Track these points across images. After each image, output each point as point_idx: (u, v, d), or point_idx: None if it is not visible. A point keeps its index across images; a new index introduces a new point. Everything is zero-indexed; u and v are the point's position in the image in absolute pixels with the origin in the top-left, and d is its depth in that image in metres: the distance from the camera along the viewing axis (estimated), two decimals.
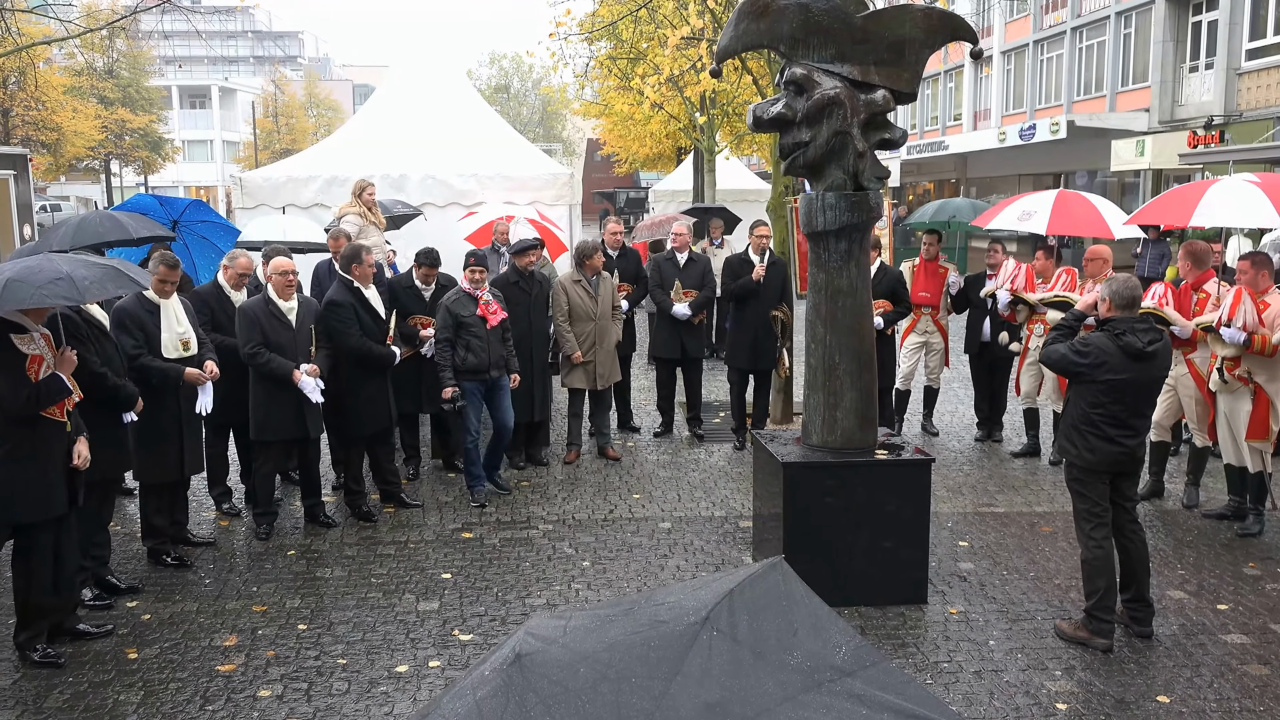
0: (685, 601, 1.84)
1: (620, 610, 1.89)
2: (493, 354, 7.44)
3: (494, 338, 7.48)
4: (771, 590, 1.85)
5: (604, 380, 8.65)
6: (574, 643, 1.77)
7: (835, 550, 5.72)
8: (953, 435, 9.68)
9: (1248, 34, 22.56)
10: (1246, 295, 6.67)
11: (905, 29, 5.79)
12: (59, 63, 43.94)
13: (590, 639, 1.77)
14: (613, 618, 1.85)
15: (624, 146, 30.55)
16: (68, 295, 4.74)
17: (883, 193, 6.33)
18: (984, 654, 5.20)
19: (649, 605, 1.89)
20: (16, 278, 4.69)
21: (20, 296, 4.64)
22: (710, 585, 1.91)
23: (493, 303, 7.46)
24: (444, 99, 12.84)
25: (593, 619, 1.85)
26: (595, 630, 1.80)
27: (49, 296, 4.69)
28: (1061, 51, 31.25)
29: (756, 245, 8.93)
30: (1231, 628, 5.49)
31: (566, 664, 1.71)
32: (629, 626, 1.80)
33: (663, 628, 1.76)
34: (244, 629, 5.48)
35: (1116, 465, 5.26)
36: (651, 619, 1.81)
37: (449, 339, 7.34)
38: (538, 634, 1.80)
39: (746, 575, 1.88)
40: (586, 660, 1.71)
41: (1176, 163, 23.27)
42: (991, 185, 36.26)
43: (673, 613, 1.81)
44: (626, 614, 1.86)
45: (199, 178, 70.06)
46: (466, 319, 7.35)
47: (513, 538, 6.87)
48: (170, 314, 6.25)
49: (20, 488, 4.93)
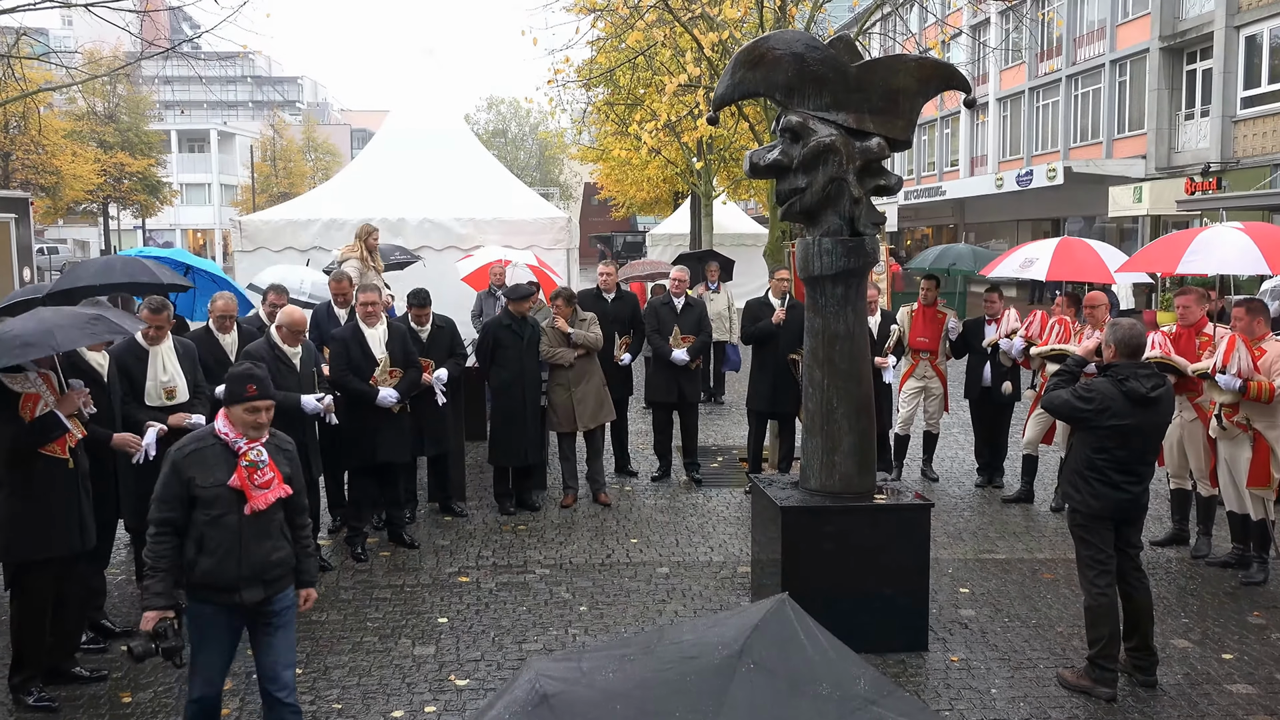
0: (708, 638, 1.85)
1: (636, 649, 1.89)
2: (250, 559, 4.13)
3: (259, 530, 4.18)
4: (788, 624, 1.88)
5: (585, 422, 8.56)
6: (600, 682, 1.76)
7: (834, 596, 5.65)
8: (953, 481, 9.63)
9: (1242, 82, 22.84)
10: (1240, 342, 6.68)
11: (899, 79, 5.86)
12: (60, 107, 44.33)
13: (615, 678, 1.77)
14: (630, 656, 1.86)
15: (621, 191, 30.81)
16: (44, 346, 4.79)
17: (879, 238, 6.36)
18: (986, 702, 5.12)
19: (667, 644, 1.90)
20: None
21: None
22: (727, 621, 1.92)
23: (267, 469, 4.20)
24: (442, 143, 12.95)
25: (607, 659, 1.84)
26: (616, 669, 1.79)
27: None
28: (1057, 99, 31.62)
29: (776, 289, 8.99)
30: (1236, 677, 5.42)
31: (599, 703, 1.71)
32: (653, 665, 1.80)
33: (694, 663, 1.77)
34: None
35: (1121, 512, 5.22)
36: (678, 655, 1.82)
37: (166, 520, 4.12)
38: (554, 675, 1.79)
39: (763, 611, 1.90)
40: (620, 698, 1.71)
41: (1174, 209, 23.46)
42: (990, 230, 36.52)
43: (700, 649, 1.81)
44: (645, 652, 1.86)
45: (196, 221, 70.40)
46: (202, 489, 4.11)
47: (509, 582, 6.80)
48: (158, 361, 6.14)
49: (21, 526, 4.90)
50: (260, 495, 4.18)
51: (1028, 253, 9.45)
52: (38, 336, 4.74)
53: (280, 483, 4.26)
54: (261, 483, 4.20)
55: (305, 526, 4.48)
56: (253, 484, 4.17)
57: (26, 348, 4.68)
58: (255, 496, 4.16)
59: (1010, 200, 32.63)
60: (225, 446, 4.21)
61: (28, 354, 4.70)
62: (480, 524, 8.10)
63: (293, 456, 4.41)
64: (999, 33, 31.42)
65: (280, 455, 4.33)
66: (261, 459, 4.21)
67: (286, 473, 4.30)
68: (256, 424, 4.22)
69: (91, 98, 44.34)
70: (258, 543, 4.20)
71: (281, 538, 4.30)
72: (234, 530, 4.15)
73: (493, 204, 12.17)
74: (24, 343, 4.69)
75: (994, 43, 30.45)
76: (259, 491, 4.18)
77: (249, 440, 4.21)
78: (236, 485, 4.14)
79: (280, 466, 4.28)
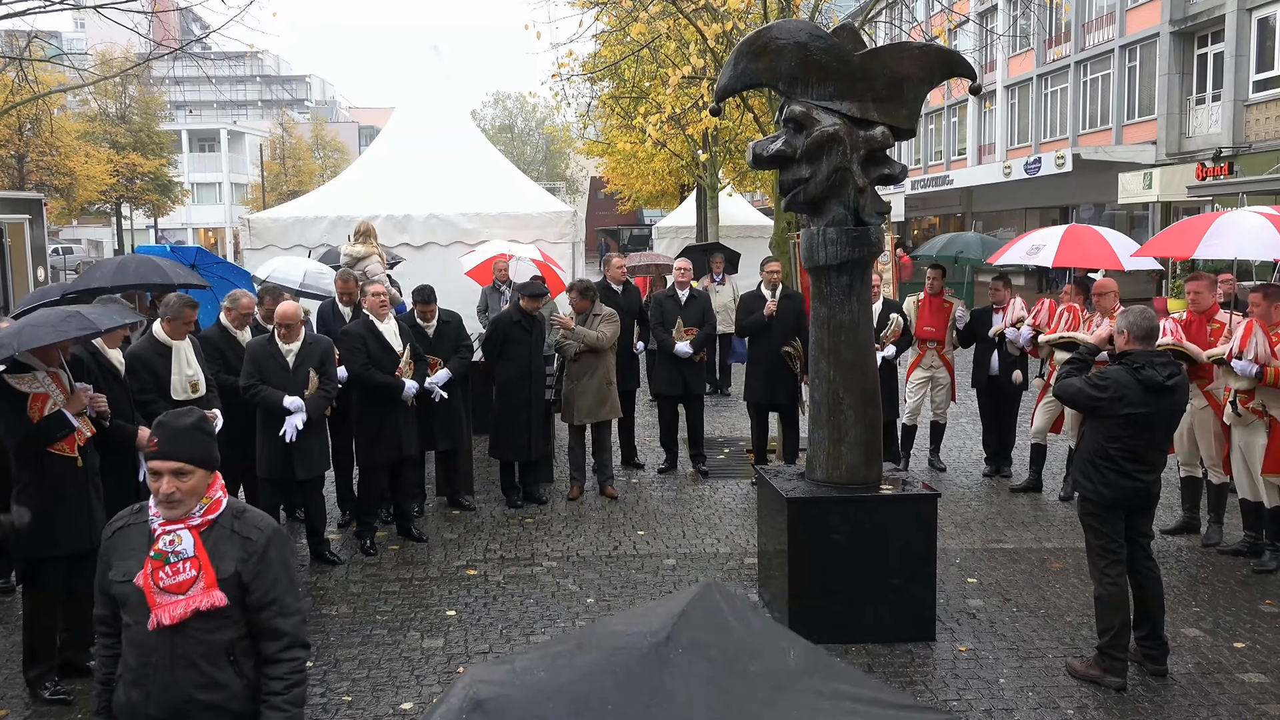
0: (636, 627, 1.85)
1: (568, 646, 1.88)
2: (160, 696, 2.98)
3: (178, 654, 2.98)
4: (715, 607, 1.89)
5: (582, 416, 8.54)
6: (532, 682, 1.75)
7: (841, 587, 5.65)
8: (960, 471, 9.60)
9: (1254, 66, 22.66)
10: (1258, 327, 6.63)
11: (903, 67, 5.82)
12: (73, 109, 44.59)
13: (548, 676, 1.76)
14: (561, 654, 1.85)
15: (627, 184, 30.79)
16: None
17: (884, 228, 6.33)
18: (994, 692, 5.11)
19: (598, 636, 1.90)
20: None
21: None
22: (654, 610, 1.93)
23: (186, 566, 2.97)
24: (448, 139, 12.94)
25: (539, 658, 1.84)
26: (548, 667, 1.79)
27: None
28: (1066, 85, 31.41)
29: (768, 281, 8.96)
30: (1249, 666, 5.39)
31: (532, 703, 1.69)
32: (586, 659, 1.80)
33: (625, 654, 1.76)
34: None
35: (1133, 501, 5.17)
36: (609, 647, 1.81)
37: (100, 618, 3.20)
38: (487, 680, 1.77)
39: (690, 596, 1.92)
40: (553, 696, 1.70)
41: (1185, 195, 23.30)
42: (998, 219, 36.34)
43: (629, 639, 1.81)
44: (577, 649, 1.86)
45: (207, 220, 70.68)
46: (116, 584, 3.07)
47: (517, 574, 6.81)
48: (181, 356, 6.25)
49: (32, 524, 4.95)
50: (167, 603, 2.89)
51: (1034, 239, 9.40)
52: (6, 338, 4.81)
53: (210, 587, 2.91)
54: (170, 584, 2.89)
55: (283, 663, 3.03)
56: (156, 585, 2.90)
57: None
58: (159, 604, 2.89)
59: (1018, 188, 32.45)
60: (149, 527, 3.00)
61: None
62: (488, 517, 8.12)
63: (260, 548, 3.00)
64: (1006, 19, 31.23)
65: (231, 545, 2.99)
66: (181, 549, 2.93)
67: (232, 572, 2.95)
68: (159, 496, 2.95)
69: (104, 99, 44.59)
70: (172, 672, 2.92)
71: (220, 669, 2.96)
72: (143, 648, 2.95)
73: (499, 199, 12.17)
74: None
75: (1001, 29, 30.28)
76: (165, 597, 2.89)
77: (164, 520, 2.96)
78: (140, 585, 2.92)
79: (219, 562, 2.95)
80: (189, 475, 2.94)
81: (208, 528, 2.98)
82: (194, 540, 2.94)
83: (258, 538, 3.01)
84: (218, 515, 3.01)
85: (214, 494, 3.03)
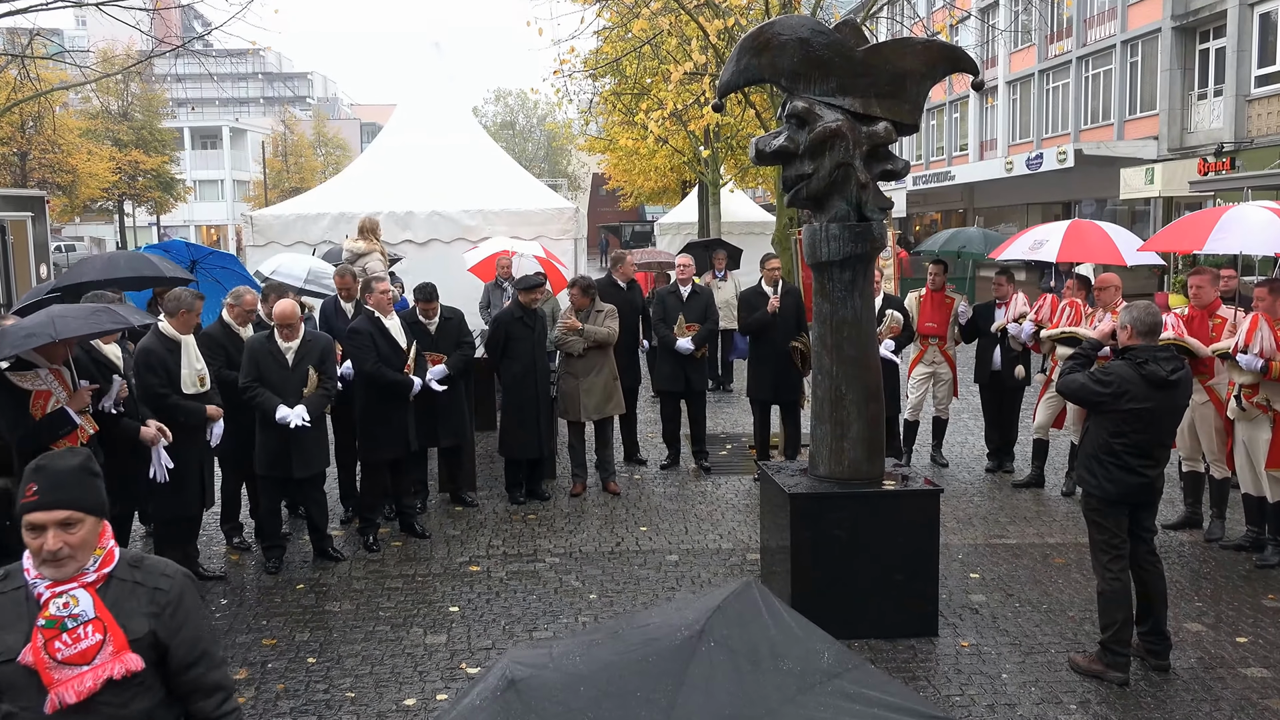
0: (672, 619, 1.89)
1: (604, 634, 1.94)
2: None
3: None
4: (752, 604, 1.93)
5: (590, 413, 8.54)
6: (566, 666, 1.81)
7: (844, 582, 5.66)
8: (963, 466, 9.60)
9: (1256, 61, 22.61)
10: (1263, 321, 6.62)
11: (906, 62, 5.82)
12: (75, 106, 44.58)
13: (582, 662, 1.82)
14: (598, 641, 1.90)
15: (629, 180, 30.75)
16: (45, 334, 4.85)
17: (886, 223, 6.33)
18: (996, 687, 5.11)
19: (633, 627, 1.95)
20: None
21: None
22: (692, 604, 1.97)
23: (87, 630, 2.54)
24: (450, 136, 12.96)
25: (577, 644, 1.89)
26: (583, 654, 1.84)
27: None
28: (1068, 80, 31.35)
29: (769, 277, 8.96)
30: (1251, 661, 5.39)
31: (564, 685, 1.75)
32: (619, 647, 1.85)
33: (657, 644, 1.81)
34: (254, 662, 5.46)
35: (1136, 496, 5.17)
36: (642, 638, 1.86)
37: None
38: (525, 661, 1.83)
39: (727, 592, 1.95)
40: (584, 680, 1.75)
41: (1187, 190, 23.25)
42: (999, 215, 36.30)
43: (663, 630, 1.85)
44: (612, 636, 1.91)
45: (210, 217, 70.68)
46: None
47: (520, 570, 6.82)
48: (190, 351, 6.30)
49: None
50: (69, 677, 2.46)
51: (1037, 234, 9.40)
52: (39, 326, 4.85)
53: (121, 650, 2.51)
54: (70, 655, 2.46)
55: (226, 716, 2.70)
56: (52, 659, 2.45)
57: (30, 337, 4.77)
58: (57, 680, 2.45)
59: (1020, 184, 32.42)
60: (27, 593, 2.52)
61: (30, 343, 4.77)
62: (490, 513, 8.12)
63: (175, 599, 2.62)
64: (1008, 15, 31.15)
65: (136, 600, 2.58)
66: (79, 611, 2.50)
67: (146, 630, 2.56)
68: (43, 553, 2.49)
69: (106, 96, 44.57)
70: None
71: None
72: None
73: (500, 195, 12.18)
74: (28, 333, 4.77)
75: (1003, 25, 30.20)
76: (65, 671, 2.45)
77: (50, 583, 2.51)
78: (29, 662, 2.46)
79: (127, 621, 2.54)
80: (78, 526, 2.51)
81: (104, 583, 2.55)
82: (92, 600, 2.51)
83: (169, 587, 2.63)
84: (113, 568, 2.59)
85: (106, 543, 2.60)
